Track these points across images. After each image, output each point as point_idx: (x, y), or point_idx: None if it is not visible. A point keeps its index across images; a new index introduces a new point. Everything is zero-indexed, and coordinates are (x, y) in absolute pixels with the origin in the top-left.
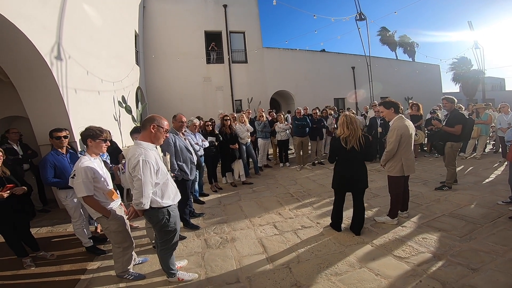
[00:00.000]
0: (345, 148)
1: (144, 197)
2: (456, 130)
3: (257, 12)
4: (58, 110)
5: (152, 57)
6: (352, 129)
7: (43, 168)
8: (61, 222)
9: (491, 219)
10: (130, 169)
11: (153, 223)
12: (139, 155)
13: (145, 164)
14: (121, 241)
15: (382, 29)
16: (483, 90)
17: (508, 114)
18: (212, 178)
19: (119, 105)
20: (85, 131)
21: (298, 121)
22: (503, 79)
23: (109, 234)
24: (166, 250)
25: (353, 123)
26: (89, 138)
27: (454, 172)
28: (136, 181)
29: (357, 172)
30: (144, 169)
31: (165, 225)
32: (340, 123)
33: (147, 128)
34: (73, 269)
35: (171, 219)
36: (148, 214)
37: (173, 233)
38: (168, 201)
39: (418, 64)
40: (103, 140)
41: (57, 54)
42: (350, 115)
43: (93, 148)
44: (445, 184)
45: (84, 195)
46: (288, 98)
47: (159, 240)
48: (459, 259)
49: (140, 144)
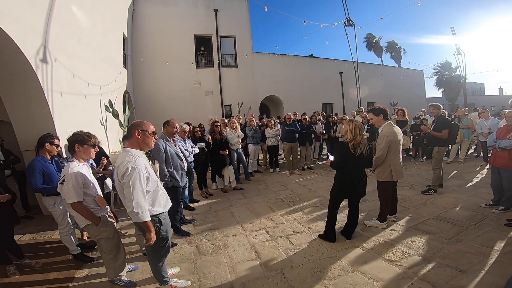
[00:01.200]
0: (354, 154)
1: (135, 205)
2: (443, 134)
3: (248, 17)
4: (43, 114)
5: (140, 61)
6: (362, 136)
7: (31, 174)
8: (46, 229)
9: (476, 221)
10: (119, 176)
11: (144, 231)
12: (128, 162)
13: (134, 170)
14: (111, 248)
15: (369, 35)
16: (465, 95)
17: (488, 119)
18: (202, 184)
19: (105, 110)
20: (73, 136)
21: (288, 127)
22: (482, 84)
23: (99, 242)
24: (157, 257)
25: (362, 130)
26: (77, 144)
27: (439, 174)
28: (126, 188)
29: (363, 178)
30: (134, 176)
31: (156, 233)
32: (350, 129)
33: (133, 135)
34: (60, 277)
35: (162, 227)
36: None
37: (165, 241)
38: (159, 209)
39: (403, 70)
40: (92, 145)
41: (42, 57)
42: (359, 122)
43: (81, 153)
44: (431, 187)
45: (74, 201)
46: (277, 104)
47: (150, 248)
48: (447, 261)
49: (128, 152)
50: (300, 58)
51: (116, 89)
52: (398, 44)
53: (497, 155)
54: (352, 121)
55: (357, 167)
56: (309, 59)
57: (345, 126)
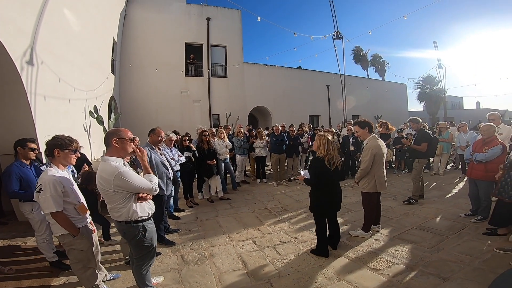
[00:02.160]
0: (330, 168)
1: (148, 187)
2: (422, 147)
3: (240, 27)
4: (24, 118)
5: (129, 66)
6: (334, 149)
7: (8, 180)
8: (20, 235)
9: (455, 231)
10: (109, 185)
11: (128, 239)
12: (117, 168)
13: (125, 172)
14: (81, 258)
15: (356, 48)
16: (445, 108)
17: (467, 133)
18: (188, 194)
19: (90, 115)
20: (52, 140)
21: (276, 138)
22: (461, 98)
23: (70, 251)
24: (141, 266)
25: (334, 143)
26: (57, 148)
27: (419, 185)
28: (124, 187)
29: (339, 192)
30: (129, 176)
31: (141, 240)
32: (323, 144)
33: (110, 144)
34: (35, 285)
35: (147, 235)
36: (123, 229)
37: (149, 249)
38: (143, 216)
39: (387, 83)
40: (73, 150)
41: (29, 59)
42: (330, 136)
43: (60, 159)
44: (412, 197)
45: (54, 211)
46: (266, 114)
47: (134, 256)
48: (430, 269)
49: (107, 160)
50: (289, 69)
51: (102, 95)
52: (382, 57)
53: (474, 167)
54: (323, 135)
55: (333, 182)
56: (298, 71)
57: (317, 141)
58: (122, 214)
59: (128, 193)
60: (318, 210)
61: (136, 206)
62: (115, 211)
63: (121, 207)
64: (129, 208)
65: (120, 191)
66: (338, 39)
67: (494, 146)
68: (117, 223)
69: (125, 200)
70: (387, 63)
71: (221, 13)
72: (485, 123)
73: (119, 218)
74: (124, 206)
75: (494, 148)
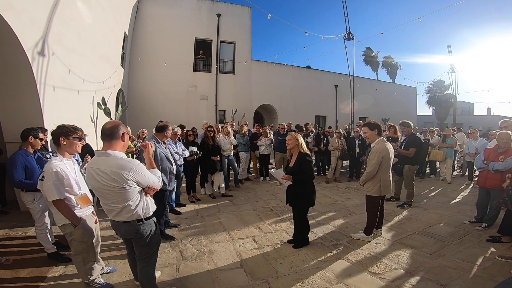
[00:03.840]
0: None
1: (155, 182)
2: (409, 152)
3: (250, 24)
4: (32, 107)
5: (138, 60)
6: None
7: (13, 168)
8: (21, 225)
9: (458, 237)
10: (124, 181)
11: (142, 238)
12: (130, 162)
13: (140, 166)
14: (82, 251)
15: (367, 49)
16: (454, 114)
17: (476, 140)
18: (191, 189)
19: (98, 107)
20: (57, 129)
21: (281, 136)
22: (472, 103)
23: (71, 242)
24: (149, 265)
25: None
26: (62, 136)
27: (413, 191)
28: (144, 182)
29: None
30: (142, 170)
31: (153, 237)
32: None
33: (119, 138)
34: (31, 275)
35: (157, 231)
36: (135, 229)
37: (158, 245)
38: (153, 210)
39: (397, 86)
40: (78, 138)
41: (40, 50)
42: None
43: (66, 147)
44: (406, 202)
45: (56, 199)
46: (272, 113)
47: (143, 256)
48: (429, 275)
49: (116, 154)
50: (298, 68)
51: (111, 87)
52: (394, 60)
53: (489, 176)
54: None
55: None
56: (306, 70)
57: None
58: (135, 213)
59: (140, 188)
60: (312, 202)
61: (147, 202)
62: (126, 211)
63: (136, 204)
64: (143, 204)
65: (134, 187)
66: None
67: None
68: (126, 225)
69: (138, 196)
70: (399, 66)
71: (232, 9)
72: (503, 131)
73: (130, 217)
74: (139, 203)
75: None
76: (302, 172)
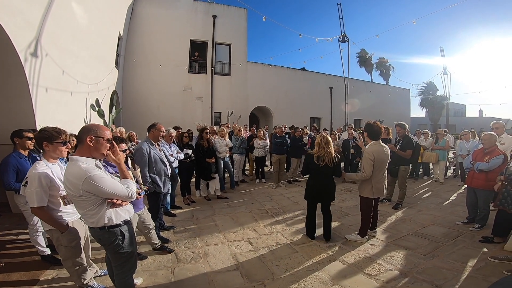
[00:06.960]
0: (318, 164)
1: (124, 193)
2: (407, 154)
3: (246, 26)
4: (24, 108)
5: (133, 61)
6: (326, 149)
7: (4, 172)
8: (14, 227)
9: (451, 238)
10: (78, 190)
11: (105, 245)
12: (86, 171)
13: (96, 176)
14: (71, 256)
15: (362, 51)
16: (447, 115)
17: (469, 141)
18: (185, 191)
19: (91, 108)
20: (40, 133)
21: (278, 139)
22: (464, 105)
23: (58, 248)
24: (122, 274)
25: (327, 144)
26: (45, 141)
27: (405, 191)
28: (101, 194)
29: (328, 184)
30: (100, 180)
31: (119, 246)
32: (317, 142)
33: (84, 141)
34: (23, 278)
35: (126, 240)
36: (97, 235)
37: (129, 255)
38: (119, 222)
39: (391, 88)
40: (62, 142)
41: (33, 51)
42: (327, 137)
43: (50, 152)
44: (398, 202)
45: (35, 206)
46: (267, 114)
47: (113, 263)
48: (424, 276)
49: (77, 161)
50: (293, 70)
51: (105, 88)
52: (388, 61)
53: (474, 176)
54: (324, 136)
55: (320, 176)
56: (302, 72)
57: (317, 139)
58: (94, 221)
59: (100, 199)
60: (306, 196)
61: (111, 212)
62: (87, 217)
63: (93, 214)
64: (102, 216)
65: (90, 197)
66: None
67: (496, 156)
68: (91, 229)
69: (96, 207)
70: (393, 68)
71: (228, 11)
72: (486, 132)
73: (92, 224)
74: (96, 213)
75: (496, 157)
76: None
